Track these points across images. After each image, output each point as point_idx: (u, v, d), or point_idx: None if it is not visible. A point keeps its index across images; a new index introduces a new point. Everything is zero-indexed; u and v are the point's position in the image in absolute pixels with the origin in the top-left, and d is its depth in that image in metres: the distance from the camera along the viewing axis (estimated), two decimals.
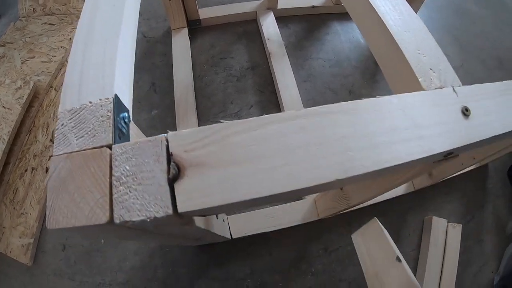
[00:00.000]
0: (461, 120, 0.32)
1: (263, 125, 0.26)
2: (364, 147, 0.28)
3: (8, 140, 1.03)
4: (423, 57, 0.39)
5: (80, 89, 0.31)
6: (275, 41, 1.08)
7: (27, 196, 0.98)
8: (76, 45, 0.34)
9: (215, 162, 0.24)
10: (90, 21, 0.37)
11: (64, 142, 0.27)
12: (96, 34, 0.35)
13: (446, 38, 1.29)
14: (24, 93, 1.11)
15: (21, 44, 1.36)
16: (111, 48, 0.34)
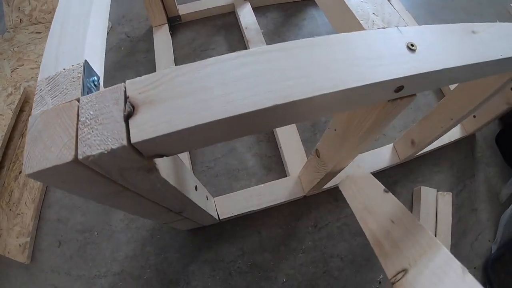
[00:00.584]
0: (406, 54, 0.34)
1: (206, 66, 0.30)
2: (301, 76, 0.30)
3: (1, 144, 1.07)
4: (366, 4, 0.42)
5: (56, 60, 0.36)
6: (253, 30, 1.12)
7: (22, 197, 1.02)
8: (54, 26, 0.39)
9: (163, 98, 0.28)
10: (66, 4, 0.42)
11: (41, 103, 0.32)
12: (71, 16, 0.41)
13: (424, 15, 1.33)
14: (15, 98, 1.15)
15: (10, 54, 1.41)
16: (83, 25, 0.39)
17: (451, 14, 1.33)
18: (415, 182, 0.98)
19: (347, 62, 0.31)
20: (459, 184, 0.97)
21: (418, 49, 0.34)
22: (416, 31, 0.36)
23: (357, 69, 0.31)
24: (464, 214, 0.90)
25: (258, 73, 0.29)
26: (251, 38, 1.09)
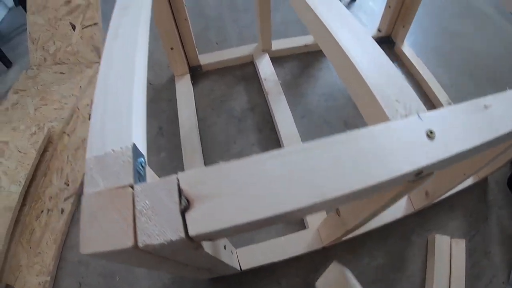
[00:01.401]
0: (426, 143, 0.38)
1: (253, 164, 0.35)
2: (336, 174, 0.35)
3: (25, 183, 1.15)
4: (388, 89, 0.47)
5: (103, 139, 0.39)
6: (272, 81, 1.22)
7: (43, 236, 1.08)
8: (97, 100, 0.44)
9: (215, 194, 0.32)
10: (106, 76, 0.47)
11: (92, 183, 0.35)
12: (113, 88, 0.45)
13: (434, 61, 1.45)
14: (38, 138, 1.23)
15: (34, 92, 1.50)
16: (126, 100, 0.44)
17: (460, 57, 1.45)
18: (430, 230, 1.04)
19: (374, 157, 0.36)
20: (473, 229, 1.02)
21: (437, 136, 0.38)
22: (434, 116, 0.41)
23: (383, 163, 0.36)
24: (478, 258, 0.96)
25: (297, 171, 0.35)
26: (269, 89, 1.19)
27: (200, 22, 1.70)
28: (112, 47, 0.52)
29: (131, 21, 0.58)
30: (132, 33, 0.54)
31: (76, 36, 1.55)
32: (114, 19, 0.59)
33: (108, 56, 0.50)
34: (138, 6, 0.62)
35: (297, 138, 1.11)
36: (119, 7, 0.62)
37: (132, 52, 0.50)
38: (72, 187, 1.15)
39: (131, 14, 0.60)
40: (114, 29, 0.57)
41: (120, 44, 0.52)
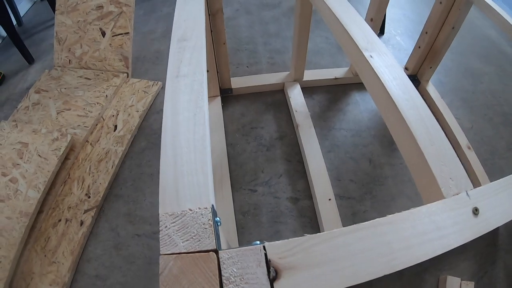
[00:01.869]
0: (471, 219, 0.44)
1: (333, 238, 0.38)
2: (403, 248, 0.40)
3: (44, 190, 1.17)
4: (444, 166, 0.52)
5: (178, 195, 0.39)
6: (302, 113, 1.25)
7: (60, 245, 1.08)
8: (165, 150, 0.45)
9: (303, 266, 0.34)
10: (174, 124, 0.48)
11: (170, 243, 0.35)
12: (183, 139, 0.46)
13: (456, 102, 1.50)
14: (61, 145, 1.23)
15: (57, 94, 1.50)
16: (201, 158, 0.44)
17: (480, 100, 1.51)
18: (442, 270, 1.05)
19: (433, 233, 0.42)
20: (481, 270, 1.04)
21: (481, 212, 0.44)
22: (479, 192, 0.47)
23: (440, 241, 0.42)
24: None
25: (372, 246, 0.39)
26: (300, 122, 1.22)
27: (232, 43, 1.76)
28: (176, 87, 0.54)
29: (194, 58, 0.60)
30: (197, 72, 0.56)
31: (105, 42, 1.57)
32: (173, 54, 0.61)
33: (172, 98, 0.52)
34: (196, 37, 0.65)
35: (324, 173, 1.13)
36: (177, 38, 0.65)
37: (201, 100, 0.51)
38: (93, 199, 1.15)
39: (192, 48, 0.62)
40: (175, 67, 0.59)
41: (185, 85, 0.54)
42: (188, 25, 0.70)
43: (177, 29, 0.69)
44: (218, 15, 1.13)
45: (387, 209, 1.12)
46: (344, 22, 0.71)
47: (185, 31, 0.68)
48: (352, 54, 0.69)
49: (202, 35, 0.67)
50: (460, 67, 1.66)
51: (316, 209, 1.10)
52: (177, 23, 0.72)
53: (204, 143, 0.46)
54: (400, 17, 1.95)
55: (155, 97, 1.47)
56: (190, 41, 0.65)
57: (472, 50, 1.74)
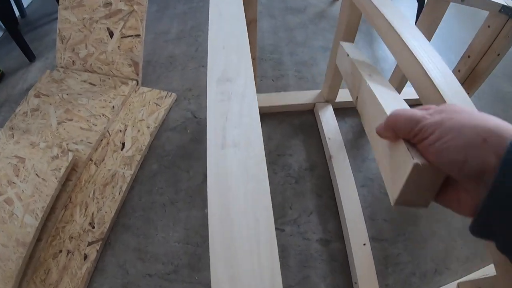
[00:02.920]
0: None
1: None
2: None
3: (42, 217, 1.12)
4: None
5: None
6: (336, 141, 1.18)
7: (61, 280, 1.02)
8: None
9: None
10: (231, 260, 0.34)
11: None
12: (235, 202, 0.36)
13: None
14: (61, 164, 1.15)
15: (58, 100, 1.41)
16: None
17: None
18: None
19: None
20: None
21: None
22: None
23: None
24: None
25: None
26: (333, 153, 1.16)
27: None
28: (224, 172, 0.40)
29: (246, 114, 0.46)
30: (253, 140, 0.43)
31: (113, 44, 1.46)
32: (213, 104, 0.47)
33: (220, 197, 0.38)
34: (245, 76, 0.51)
35: (359, 214, 1.07)
36: (217, 77, 0.51)
37: (266, 201, 0.37)
38: (98, 231, 1.07)
39: (241, 95, 0.48)
40: (219, 127, 0.44)
41: (237, 165, 0.40)
42: (230, 58, 0.54)
43: (214, 62, 0.53)
44: (252, 27, 1.03)
45: (420, 251, 1.06)
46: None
47: (226, 66, 0.53)
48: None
49: (251, 74, 0.53)
50: (493, 90, 1.60)
51: (348, 253, 1.04)
52: (213, 52, 0.56)
53: (275, 275, 0.31)
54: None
55: (168, 111, 1.38)
56: (236, 83, 0.49)
57: (504, 72, 1.66)
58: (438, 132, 0.30)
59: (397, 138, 0.37)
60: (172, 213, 1.11)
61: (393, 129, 0.36)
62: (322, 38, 1.76)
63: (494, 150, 0.26)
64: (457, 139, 0.28)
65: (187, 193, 1.15)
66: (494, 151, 0.26)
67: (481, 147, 0.27)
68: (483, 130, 0.27)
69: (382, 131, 0.39)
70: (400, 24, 0.70)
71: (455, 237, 1.09)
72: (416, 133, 0.33)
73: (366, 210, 1.13)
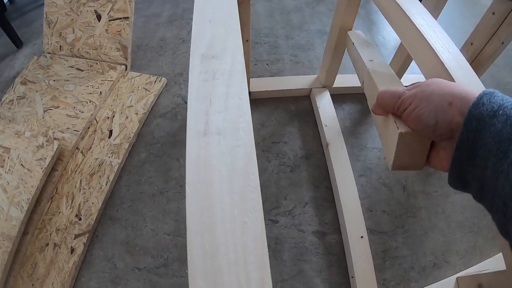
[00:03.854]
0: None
1: None
2: None
3: (28, 209, 1.07)
4: None
5: None
6: (333, 128, 1.13)
7: (49, 275, 0.98)
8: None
9: None
10: (210, 245, 0.29)
11: None
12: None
13: None
14: (46, 154, 1.10)
15: (44, 87, 1.35)
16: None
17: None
18: None
19: None
20: None
21: None
22: None
23: None
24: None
25: None
26: (330, 141, 1.10)
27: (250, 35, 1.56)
28: (205, 161, 0.34)
29: (233, 96, 0.41)
30: (241, 127, 0.39)
31: (100, 27, 1.38)
32: (195, 84, 0.41)
33: (200, 187, 0.32)
34: (233, 52, 0.46)
35: (357, 205, 1.03)
36: (201, 52, 0.45)
37: (255, 200, 0.32)
38: (85, 223, 1.02)
39: (228, 74, 0.43)
40: (201, 112, 0.39)
41: (221, 154, 0.35)
42: (217, 31, 0.48)
43: (199, 36, 0.47)
44: (244, 5, 0.95)
45: (419, 244, 1.02)
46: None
47: (212, 40, 0.47)
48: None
49: (240, 49, 0.46)
50: (493, 80, 1.54)
51: (345, 247, 0.99)
52: (198, 26, 0.49)
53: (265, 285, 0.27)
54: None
55: (157, 96, 1.31)
56: (222, 60, 0.44)
57: (505, 62, 1.59)
58: (414, 103, 0.35)
59: (387, 114, 0.42)
60: (161, 204, 1.06)
61: (381, 105, 0.42)
62: (319, 21, 1.69)
63: (459, 111, 0.31)
64: (427, 106, 0.33)
65: (178, 183, 1.09)
66: (460, 111, 0.30)
67: (448, 110, 0.31)
68: (448, 95, 0.32)
69: (374, 109, 0.44)
70: (407, 3, 0.65)
71: (455, 230, 1.06)
72: (398, 106, 0.38)
73: (364, 201, 1.08)
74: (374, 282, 0.94)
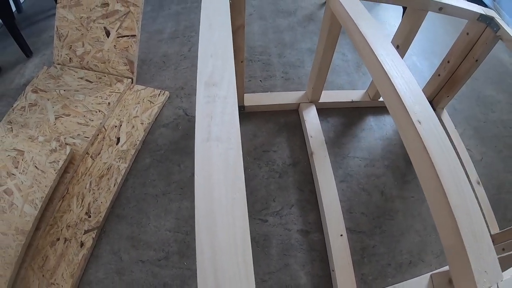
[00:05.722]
0: None
1: None
2: None
3: (41, 206, 1.16)
4: (482, 260, 0.53)
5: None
6: (317, 139, 1.25)
7: (59, 266, 1.08)
8: (202, 252, 0.41)
9: None
10: (210, 217, 0.43)
11: None
12: (222, 241, 0.42)
13: (468, 131, 1.54)
14: (59, 157, 1.21)
15: (55, 96, 1.47)
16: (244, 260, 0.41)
17: (491, 131, 1.55)
18: None
19: None
20: None
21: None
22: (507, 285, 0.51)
23: None
24: None
25: None
26: (315, 150, 1.23)
27: (245, 52, 1.70)
28: (208, 158, 0.49)
29: (227, 114, 0.55)
30: (232, 136, 0.52)
31: (109, 43, 1.52)
32: (201, 105, 0.56)
33: (204, 174, 0.48)
34: (228, 83, 0.60)
35: (337, 207, 1.16)
36: (204, 81, 0.60)
37: (239, 180, 0.47)
38: (94, 220, 1.14)
39: (224, 98, 0.57)
40: (205, 124, 0.54)
41: (219, 154, 0.50)
42: (216, 64, 0.64)
43: (203, 68, 0.63)
44: (240, 32, 1.10)
45: (396, 244, 1.15)
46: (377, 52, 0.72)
47: (213, 71, 0.63)
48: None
49: (233, 79, 0.62)
50: (474, 93, 1.69)
51: (326, 244, 1.12)
52: (203, 59, 0.65)
53: (246, 239, 0.42)
54: (417, 36, 1.94)
55: (161, 108, 1.45)
56: (220, 88, 0.59)
57: (486, 76, 1.76)
58: None
59: None
60: (164, 204, 1.18)
61: None
62: (310, 40, 1.84)
63: None
64: None
65: (178, 185, 1.22)
66: None
67: None
68: None
69: None
70: (374, 38, 0.79)
71: (430, 231, 1.17)
72: None
73: (345, 204, 1.21)
74: (352, 275, 1.06)
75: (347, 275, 1.05)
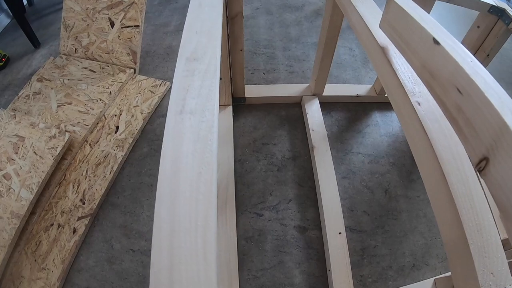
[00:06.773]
0: None
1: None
2: None
3: (37, 191, 1.14)
4: (489, 263, 0.48)
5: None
6: (319, 132, 1.21)
7: (51, 252, 1.07)
8: (159, 224, 0.38)
9: None
10: (173, 188, 0.40)
11: None
12: (182, 213, 0.38)
13: None
14: (58, 144, 1.21)
15: (59, 85, 1.47)
16: (204, 239, 0.36)
17: None
18: None
19: None
20: None
21: None
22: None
23: None
24: None
25: None
26: (316, 144, 1.18)
27: (249, 45, 1.73)
28: (179, 130, 0.45)
29: (205, 88, 0.51)
30: (207, 110, 0.48)
31: (113, 34, 1.52)
32: (179, 78, 0.52)
33: (173, 145, 0.44)
34: (210, 57, 0.56)
35: (337, 204, 1.11)
36: (186, 56, 0.56)
37: (209, 153, 0.42)
38: (88, 207, 1.13)
39: (204, 72, 0.53)
40: (180, 97, 0.50)
41: (191, 126, 0.46)
42: (201, 40, 0.60)
43: (186, 44, 0.59)
44: (238, 19, 1.07)
45: (399, 245, 1.09)
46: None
47: (196, 47, 0.58)
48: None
49: (217, 54, 0.58)
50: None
51: (324, 242, 1.07)
52: (187, 35, 0.61)
53: (209, 217, 0.37)
54: None
55: (161, 98, 1.43)
56: (201, 62, 0.55)
57: (499, 76, 1.66)
58: None
59: None
60: None
61: None
62: (316, 35, 1.79)
63: None
64: None
65: None
66: None
67: None
68: None
69: None
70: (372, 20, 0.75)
71: (436, 234, 1.10)
72: None
73: (346, 201, 1.16)
74: (350, 276, 1.00)
75: (344, 276, 1.00)
